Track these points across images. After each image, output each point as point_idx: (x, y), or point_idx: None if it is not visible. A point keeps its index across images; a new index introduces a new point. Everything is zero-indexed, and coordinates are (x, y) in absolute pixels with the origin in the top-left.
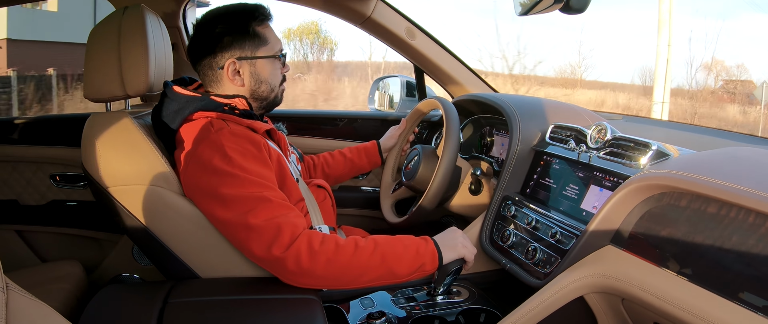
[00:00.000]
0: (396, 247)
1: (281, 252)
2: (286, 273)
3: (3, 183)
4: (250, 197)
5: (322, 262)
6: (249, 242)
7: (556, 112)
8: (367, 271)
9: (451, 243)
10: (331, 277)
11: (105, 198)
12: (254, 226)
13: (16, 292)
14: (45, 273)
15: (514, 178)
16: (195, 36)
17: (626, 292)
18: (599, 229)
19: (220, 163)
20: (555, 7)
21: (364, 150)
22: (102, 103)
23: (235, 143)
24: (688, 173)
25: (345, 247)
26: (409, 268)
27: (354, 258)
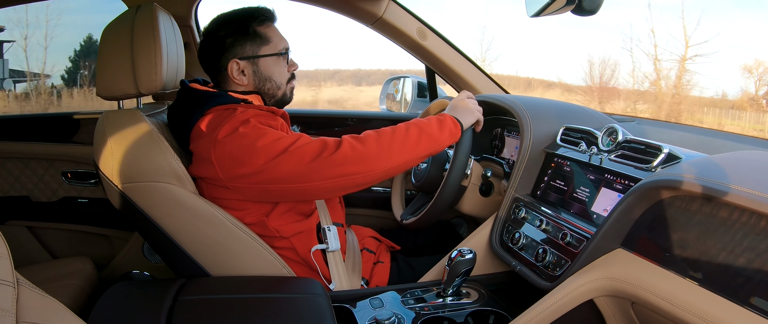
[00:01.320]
0: (421, 122)
1: (333, 151)
2: (347, 162)
3: (15, 180)
4: (284, 137)
5: (372, 142)
6: (301, 159)
7: (568, 114)
8: (411, 140)
9: (465, 111)
10: (387, 154)
11: (116, 195)
12: (300, 148)
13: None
14: (56, 269)
15: (525, 180)
16: (202, 42)
17: (636, 295)
18: (610, 232)
19: (247, 129)
20: (567, 8)
21: None
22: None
23: (258, 117)
24: (699, 176)
25: (381, 131)
26: (442, 134)
27: (395, 135)
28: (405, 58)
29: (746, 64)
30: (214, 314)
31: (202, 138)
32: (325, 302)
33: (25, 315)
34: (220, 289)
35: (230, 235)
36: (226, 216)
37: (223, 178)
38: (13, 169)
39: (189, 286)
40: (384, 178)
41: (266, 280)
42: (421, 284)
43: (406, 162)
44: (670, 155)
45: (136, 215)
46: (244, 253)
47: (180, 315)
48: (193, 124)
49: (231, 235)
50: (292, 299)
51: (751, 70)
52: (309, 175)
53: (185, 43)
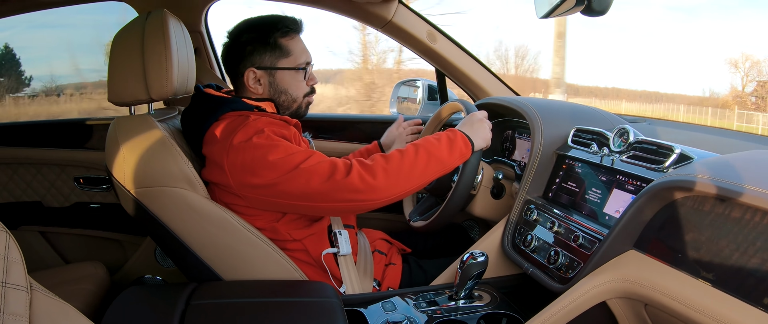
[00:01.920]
0: (432, 142)
1: (343, 177)
2: (356, 192)
3: (27, 185)
4: (297, 152)
5: (381, 172)
6: (311, 183)
7: (579, 116)
8: (419, 167)
9: (477, 131)
10: (395, 184)
11: (128, 200)
12: (310, 168)
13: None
14: (68, 274)
15: (537, 181)
16: (225, 45)
17: (649, 297)
18: (622, 234)
19: (260, 139)
20: (576, 9)
21: (366, 152)
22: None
23: (272, 126)
24: (712, 177)
25: (391, 156)
26: (452, 156)
27: (404, 161)
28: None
29: (732, 58)
30: (226, 318)
31: (216, 144)
32: (337, 306)
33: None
34: (232, 293)
35: (242, 239)
36: (238, 220)
37: (233, 186)
38: (25, 175)
39: (201, 290)
40: (392, 202)
41: (278, 284)
42: (433, 287)
43: (415, 188)
44: (682, 155)
45: (148, 220)
46: (256, 257)
47: (192, 319)
48: (207, 129)
49: (243, 239)
50: (304, 303)
51: (737, 64)
52: (318, 196)
53: (195, 48)
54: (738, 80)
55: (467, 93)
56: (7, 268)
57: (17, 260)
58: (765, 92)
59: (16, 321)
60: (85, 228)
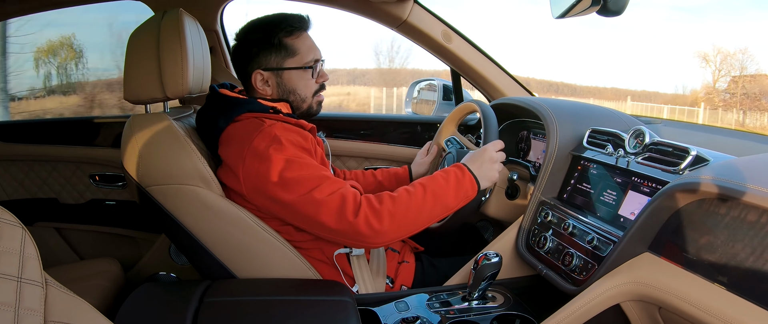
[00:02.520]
0: (439, 183)
1: (352, 218)
2: (361, 237)
3: (43, 182)
4: (311, 177)
5: (387, 217)
6: (319, 215)
7: (594, 116)
8: (425, 212)
9: (485, 170)
10: (398, 229)
11: (144, 197)
12: (321, 200)
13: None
14: (83, 270)
15: (551, 182)
16: (233, 47)
17: (663, 300)
18: (637, 236)
19: (277, 152)
20: (592, 9)
21: (395, 176)
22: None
23: (288, 134)
24: (728, 179)
25: (399, 198)
26: (456, 199)
27: (411, 205)
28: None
29: (702, 51)
30: (239, 316)
31: (231, 147)
32: (351, 305)
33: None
34: (246, 291)
35: (256, 237)
36: (252, 218)
37: (245, 194)
38: (41, 172)
39: (215, 287)
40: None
41: (292, 282)
42: (446, 287)
43: (416, 231)
44: (698, 157)
45: (162, 217)
46: (270, 255)
47: (206, 316)
48: (222, 130)
49: (257, 236)
50: (318, 302)
51: (707, 58)
52: (323, 229)
53: (211, 47)
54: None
55: (482, 93)
56: (22, 264)
57: (33, 256)
58: (737, 88)
59: (31, 316)
60: (100, 225)
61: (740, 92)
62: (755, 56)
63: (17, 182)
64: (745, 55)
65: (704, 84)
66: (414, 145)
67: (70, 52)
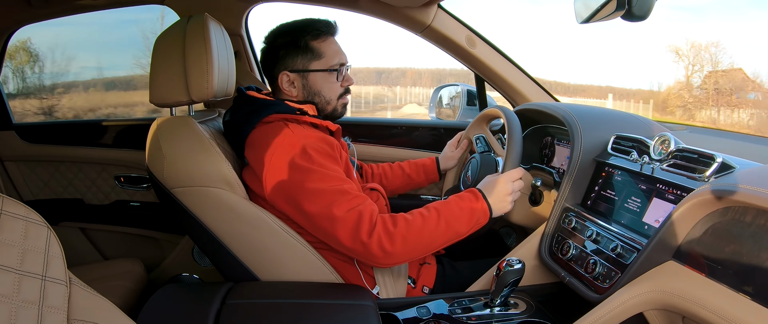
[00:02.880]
0: (453, 210)
1: (366, 238)
2: (373, 258)
3: (68, 183)
4: (331, 190)
5: (400, 242)
6: (335, 232)
7: (619, 122)
8: (437, 238)
9: (499, 199)
10: (409, 252)
11: (168, 199)
12: (338, 217)
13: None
14: (106, 269)
15: (575, 189)
16: (262, 50)
17: (687, 310)
18: (661, 244)
19: (301, 161)
20: (617, 14)
21: (422, 166)
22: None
23: (313, 142)
24: (754, 187)
25: (413, 222)
26: (468, 226)
27: (424, 230)
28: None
29: (674, 45)
30: (260, 318)
31: (256, 151)
32: (372, 310)
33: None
34: (268, 294)
35: (279, 240)
36: (275, 221)
37: (267, 199)
38: (67, 173)
39: (237, 289)
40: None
41: (314, 286)
42: (468, 293)
43: (425, 255)
44: (724, 164)
45: (186, 219)
46: (293, 259)
47: (227, 318)
48: (249, 132)
49: (280, 240)
50: (340, 306)
51: (679, 52)
52: (336, 243)
53: (235, 52)
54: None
55: (506, 98)
56: (47, 262)
57: (57, 255)
58: (712, 83)
59: (54, 314)
60: (125, 226)
61: (712, 88)
62: (727, 49)
63: (43, 182)
64: (717, 48)
65: (678, 80)
66: (438, 149)
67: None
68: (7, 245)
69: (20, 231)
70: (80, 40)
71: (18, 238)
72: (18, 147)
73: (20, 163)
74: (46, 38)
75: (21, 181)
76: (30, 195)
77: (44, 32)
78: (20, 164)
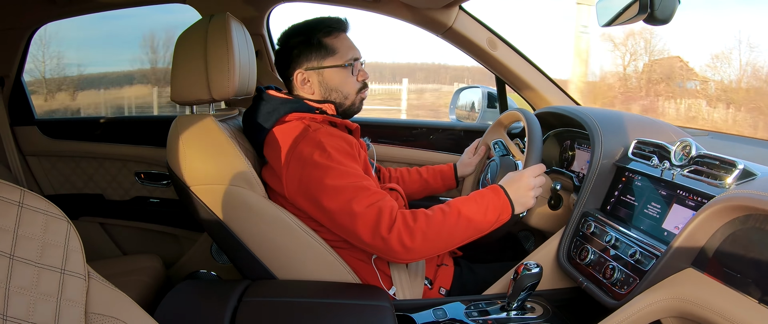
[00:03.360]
0: (474, 206)
1: (386, 233)
2: (394, 253)
3: (89, 178)
4: (351, 186)
5: (420, 236)
6: (356, 228)
7: (640, 127)
8: (458, 234)
9: (521, 195)
10: (430, 248)
11: (187, 196)
12: (358, 212)
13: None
14: (125, 265)
15: (595, 194)
16: (276, 52)
17: (705, 318)
18: (680, 251)
19: (321, 158)
20: (639, 18)
21: (439, 172)
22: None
23: (332, 140)
24: None
25: (433, 217)
26: (490, 222)
27: (444, 225)
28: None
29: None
30: (277, 317)
31: (276, 150)
32: (389, 311)
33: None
34: (285, 292)
35: (297, 239)
36: (294, 220)
37: (287, 197)
38: (87, 168)
39: (254, 287)
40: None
41: (331, 285)
42: (485, 296)
43: (446, 250)
44: (746, 171)
45: (205, 216)
46: (311, 258)
47: (244, 315)
48: (269, 130)
49: (298, 239)
50: (356, 306)
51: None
52: (356, 239)
53: (257, 51)
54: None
55: (527, 101)
56: (66, 256)
57: (76, 249)
58: (649, 70)
59: (72, 307)
60: (144, 221)
61: (646, 77)
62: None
63: (64, 177)
64: (652, 34)
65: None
66: (457, 151)
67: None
68: (27, 238)
69: (40, 224)
70: None
71: (38, 232)
72: (40, 142)
73: (42, 158)
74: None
75: (42, 175)
76: (51, 189)
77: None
78: (42, 159)
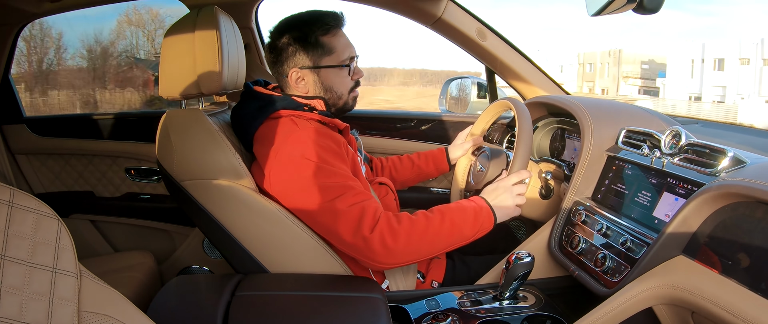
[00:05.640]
0: (458, 213)
1: (368, 233)
2: (374, 254)
3: (79, 175)
4: (335, 185)
5: (403, 238)
6: (337, 227)
7: (630, 116)
8: (442, 239)
9: (503, 206)
10: (412, 251)
11: (178, 191)
12: (341, 211)
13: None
14: (117, 262)
15: (586, 182)
16: (268, 45)
17: (696, 305)
18: (671, 239)
19: (307, 157)
20: (628, 7)
21: (431, 157)
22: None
23: (319, 139)
24: (765, 182)
25: (417, 221)
26: (473, 229)
27: (428, 229)
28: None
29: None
30: (270, 310)
31: (263, 147)
32: (381, 302)
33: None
34: (278, 286)
35: (288, 232)
36: (284, 213)
37: (273, 194)
38: (77, 165)
39: (247, 281)
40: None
41: (323, 278)
42: (478, 286)
43: (428, 257)
44: (735, 159)
45: (196, 211)
46: (303, 251)
47: (237, 310)
48: (257, 128)
49: (289, 232)
50: (349, 298)
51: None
52: (338, 240)
53: (245, 44)
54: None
55: (517, 91)
56: (57, 254)
57: (67, 247)
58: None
59: (64, 305)
60: (135, 218)
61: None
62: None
63: (54, 175)
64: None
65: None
66: (447, 142)
67: None
68: (18, 237)
69: (31, 224)
70: None
71: (29, 231)
72: (29, 140)
73: (31, 156)
74: None
75: (32, 174)
76: (41, 188)
77: None
78: (31, 157)
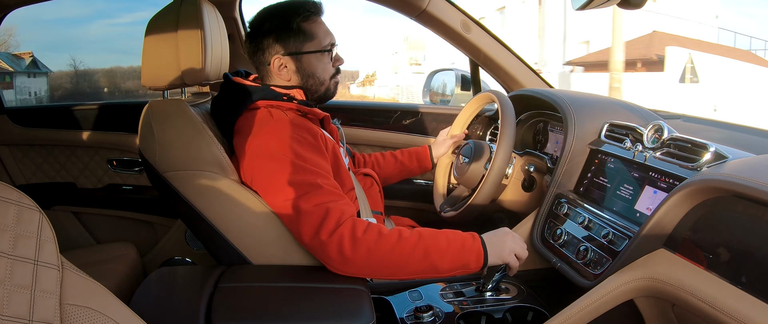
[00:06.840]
0: (440, 241)
1: (326, 237)
2: (329, 259)
3: (61, 166)
4: (303, 183)
5: (363, 250)
6: (299, 226)
7: (613, 110)
8: (409, 264)
9: (499, 246)
10: (371, 266)
11: (160, 183)
12: (304, 210)
13: (70, 270)
14: (99, 254)
15: (568, 175)
16: (248, 35)
17: (677, 297)
18: (652, 232)
19: (279, 151)
20: (614, 1)
21: (415, 154)
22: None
23: (294, 132)
24: (745, 177)
25: (388, 237)
26: (452, 264)
27: (396, 249)
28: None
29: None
30: (253, 302)
31: (240, 138)
32: (365, 293)
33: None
34: (261, 277)
35: (271, 224)
36: (268, 205)
37: (249, 185)
38: (59, 156)
39: (230, 273)
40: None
41: (307, 269)
42: (460, 278)
43: (393, 278)
44: (717, 154)
45: (179, 203)
46: (286, 242)
47: (220, 302)
48: (236, 119)
49: (272, 224)
50: (332, 289)
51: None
52: (299, 237)
53: (229, 34)
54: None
55: (500, 84)
56: (39, 247)
57: (49, 239)
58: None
59: (46, 298)
60: (117, 209)
61: None
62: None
63: (36, 166)
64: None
65: None
66: (431, 134)
67: None
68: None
69: (12, 215)
70: None
71: (10, 223)
72: (10, 131)
73: (12, 147)
74: None
75: (13, 165)
76: (22, 179)
77: None
78: (12, 148)
